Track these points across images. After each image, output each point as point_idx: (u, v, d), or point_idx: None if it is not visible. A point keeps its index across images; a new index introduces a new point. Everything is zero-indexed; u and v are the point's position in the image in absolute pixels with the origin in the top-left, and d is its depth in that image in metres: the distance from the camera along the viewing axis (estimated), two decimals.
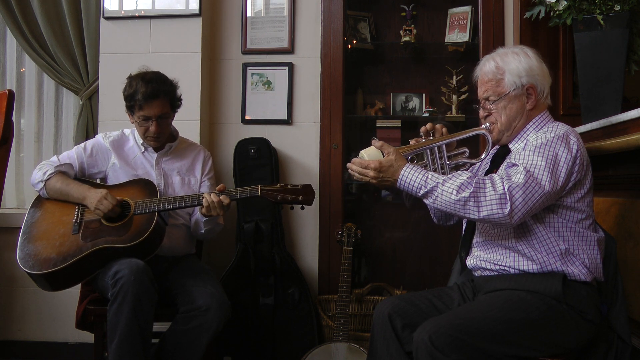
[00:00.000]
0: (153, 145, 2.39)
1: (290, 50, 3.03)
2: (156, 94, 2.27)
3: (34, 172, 2.32)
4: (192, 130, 2.86)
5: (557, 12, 2.30)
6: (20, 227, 2.24)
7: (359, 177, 1.73)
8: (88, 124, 3.16)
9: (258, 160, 2.90)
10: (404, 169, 1.67)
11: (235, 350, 2.79)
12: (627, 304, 1.75)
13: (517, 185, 1.57)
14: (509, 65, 1.79)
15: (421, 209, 1.74)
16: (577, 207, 1.68)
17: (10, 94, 1.97)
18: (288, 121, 3.03)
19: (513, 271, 1.71)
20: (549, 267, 1.67)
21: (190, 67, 2.89)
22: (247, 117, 3.06)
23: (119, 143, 2.42)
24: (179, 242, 2.39)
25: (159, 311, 2.17)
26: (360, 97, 3.29)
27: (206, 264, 2.58)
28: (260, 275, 2.80)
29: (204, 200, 2.15)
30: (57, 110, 3.31)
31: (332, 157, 2.96)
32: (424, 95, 3.27)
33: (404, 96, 3.29)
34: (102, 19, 2.97)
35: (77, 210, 2.25)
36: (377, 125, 3.13)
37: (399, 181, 1.67)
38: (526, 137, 1.79)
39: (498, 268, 1.74)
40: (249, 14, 3.06)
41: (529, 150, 1.66)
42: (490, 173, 1.88)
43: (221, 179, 2.97)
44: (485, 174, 1.92)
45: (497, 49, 1.88)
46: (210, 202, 2.14)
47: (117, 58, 2.95)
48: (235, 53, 3.08)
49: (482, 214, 1.57)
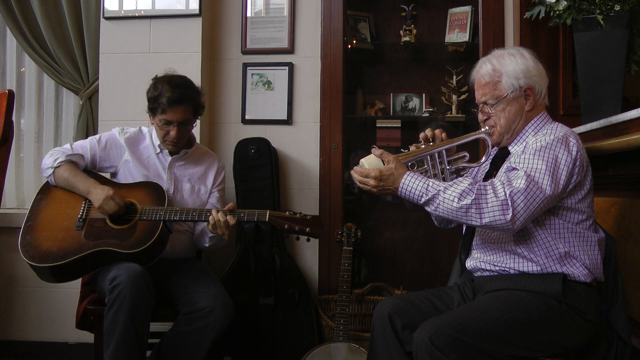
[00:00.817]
0: (171, 150, 2.37)
1: (290, 50, 3.03)
2: (181, 100, 2.24)
3: (45, 157, 2.29)
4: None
5: (557, 12, 2.30)
6: (21, 228, 2.23)
7: (361, 186, 1.74)
8: (88, 124, 3.15)
9: (258, 160, 2.89)
10: (404, 177, 1.67)
11: (235, 350, 2.79)
12: (627, 304, 1.75)
13: (518, 191, 1.57)
14: (506, 67, 1.77)
15: (421, 210, 1.74)
16: (578, 208, 1.68)
17: (10, 94, 1.97)
18: (288, 121, 3.03)
19: (513, 272, 1.72)
20: (549, 269, 1.67)
21: (190, 67, 2.89)
22: (247, 117, 3.06)
23: (134, 140, 2.39)
24: (180, 248, 2.37)
25: (158, 312, 2.17)
26: (360, 97, 3.29)
27: (206, 265, 2.58)
28: (260, 275, 2.80)
29: (211, 218, 2.12)
30: (57, 110, 3.31)
31: (332, 157, 2.95)
32: (424, 95, 3.27)
33: (404, 96, 3.29)
34: (102, 19, 2.97)
35: (83, 205, 2.23)
36: (377, 125, 3.13)
37: (400, 189, 1.67)
38: (525, 138, 1.78)
39: (498, 269, 1.75)
40: (249, 14, 3.06)
41: (529, 153, 1.65)
42: (489, 175, 1.88)
43: None
44: (485, 176, 1.92)
45: (493, 50, 1.86)
46: (216, 220, 2.11)
47: (117, 58, 2.95)
48: (235, 53, 3.08)
49: (484, 221, 1.58)
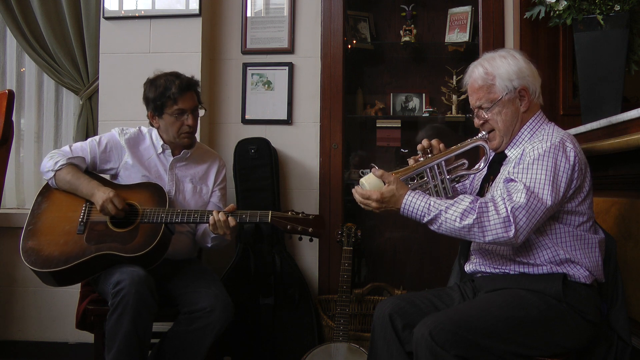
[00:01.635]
0: (186, 143, 2.35)
1: (290, 50, 3.03)
2: (189, 86, 2.30)
3: (44, 160, 2.28)
4: None
5: (557, 12, 2.30)
6: (21, 228, 2.22)
7: (363, 206, 1.74)
8: (88, 124, 3.15)
9: (258, 160, 2.89)
10: (405, 197, 1.67)
11: (235, 350, 2.79)
12: (627, 304, 1.75)
13: (519, 206, 1.57)
14: (499, 69, 1.75)
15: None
16: (578, 211, 1.68)
17: (10, 94, 1.98)
18: (288, 121, 3.03)
19: (513, 272, 1.72)
20: (550, 272, 1.67)
21: (190, 67, 2.87)
22: (247, 117, 3.06)
23: (134, 141, 2.37)
24: (182, 249, 2.37)
25: (158, 311, 2.15)
26: (360, 97, 3.29)
27: (206, 265, 2.58)
28: (260, 275, 2.80)
29: (211, 218, 2.12)
30: (57, 110, 3.31)
31: (332, 157, 2.95)
32: (424, 95, 3.27)
33: (404, 96, 3.29)
34: (102, 19, 2.97)
35: (84, 207, 2.22)
36: (377, 125, 3.14)
37: (402, 209, 1.68)
38: (522, 142, 1.77)
39: (498, 271, 1.75)
40: (249, 14, 3.06)
41: (527, 163, 1.64)
42: (487, 179, 1.88)
43: None
44: (483, 181, 1.93)
45: (483, 54, 1.84)
46: (217, 220, 2.11)
47: (117, 58, 2.95)
48: (235, 53, 3.08)
49: (487, 239, 1.59)
